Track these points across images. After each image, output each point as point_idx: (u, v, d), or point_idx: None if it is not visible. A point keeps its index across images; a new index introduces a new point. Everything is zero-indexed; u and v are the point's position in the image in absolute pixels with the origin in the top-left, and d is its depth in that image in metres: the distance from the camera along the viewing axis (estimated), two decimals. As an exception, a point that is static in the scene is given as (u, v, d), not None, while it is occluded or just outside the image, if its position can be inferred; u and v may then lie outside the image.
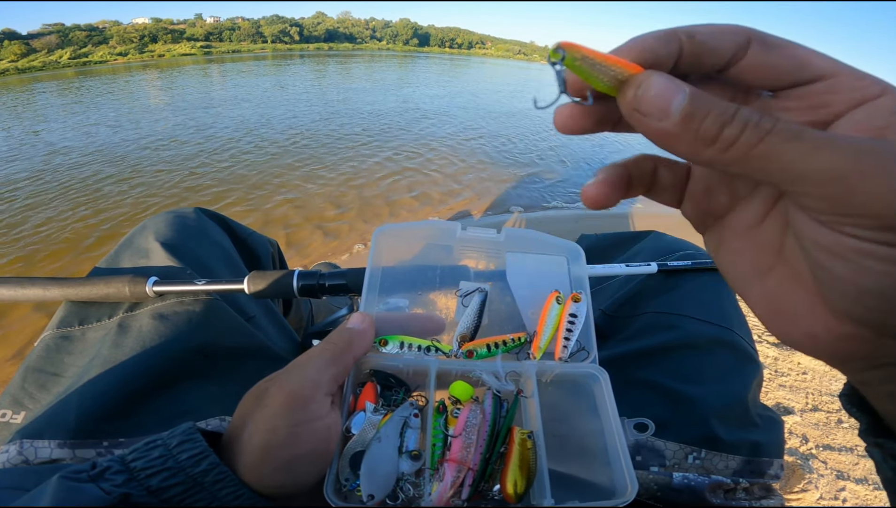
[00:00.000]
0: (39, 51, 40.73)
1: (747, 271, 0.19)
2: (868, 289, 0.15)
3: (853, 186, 0.14)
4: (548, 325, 0.40)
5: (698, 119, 0.15)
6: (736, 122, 0.15)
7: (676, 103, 0.15)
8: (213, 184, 2.73)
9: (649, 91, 0.16)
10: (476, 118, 4.99)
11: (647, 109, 0.16)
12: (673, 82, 0.16)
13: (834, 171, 0.14)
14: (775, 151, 0.14)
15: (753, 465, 0.45)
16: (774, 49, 0.17)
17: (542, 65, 50.57)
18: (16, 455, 0.38)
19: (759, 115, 0.15)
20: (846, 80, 0.16)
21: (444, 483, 0.31)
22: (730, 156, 0.15)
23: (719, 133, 0.15)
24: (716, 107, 0.15)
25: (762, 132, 0.14)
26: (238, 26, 74.44)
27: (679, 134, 0.16)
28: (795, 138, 0.14)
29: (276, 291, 0.52)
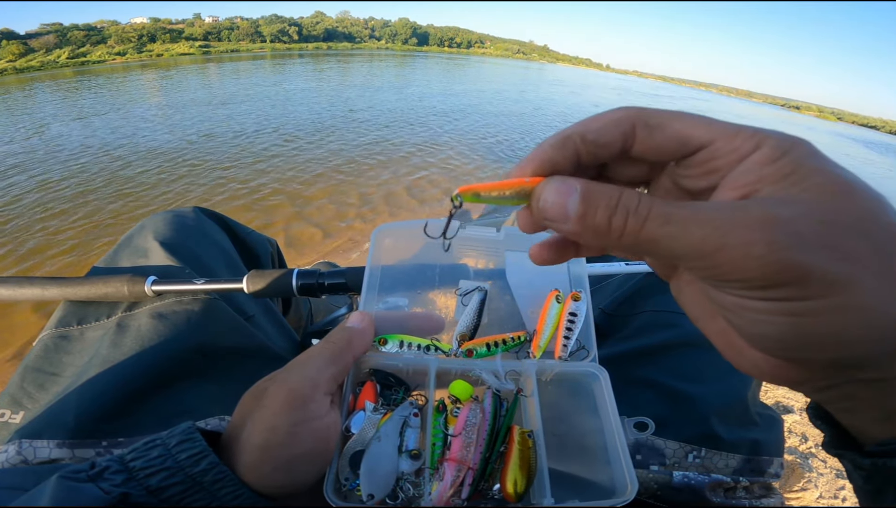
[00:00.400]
0: (38, 51, 40.63)
1: (701, 313, 0.21)
2: (762, 334, 0.17)
3: (719, 259, 0.15)
4: (547, 324, 0.40)
5: (590, 215, 0.17)
6: (619, 212, 0.16)
7: (571, 206, 0.17)
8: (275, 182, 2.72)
9: (547, 201, 0.18)
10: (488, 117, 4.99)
11: (551, 216, 0.18)
12: (564, 185, 0.18)
13: (701, 247, 0.15)
14: (654, 236, 0.16)
15: (753, 464, 0.45)
16: (656, 130, 0.19)
17: (542, 63, 50.20)
18: (15, 455, 0.38)
19: (638, 201, 0.16)
20: (721, 143, 0.18)
21: (443, 482, 0.31)
22: (626, 243, 0.17)
23: (609, 224, 0.17)
24: (602, 199, 0.17)
25: (641, 220, 0.16)
26: (237, 26, 74.32)
27: (581, 232, 0.17)
28: (667, 222, 0.16)
29: (275, 290, 0.52)
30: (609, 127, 0.19)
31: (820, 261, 0.14)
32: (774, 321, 0.16)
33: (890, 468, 0.18)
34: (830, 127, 23.06)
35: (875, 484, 0.19)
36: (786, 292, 0.15)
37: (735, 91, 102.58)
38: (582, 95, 9.49)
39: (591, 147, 0.19)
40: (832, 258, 0.14)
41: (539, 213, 0.19)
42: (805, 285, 0.15)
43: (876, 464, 0.19)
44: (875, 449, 0.19)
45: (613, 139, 0.19)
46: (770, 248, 0.14)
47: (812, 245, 0.14)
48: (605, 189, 0.17)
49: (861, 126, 45.47)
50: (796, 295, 0.15)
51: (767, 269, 0.15)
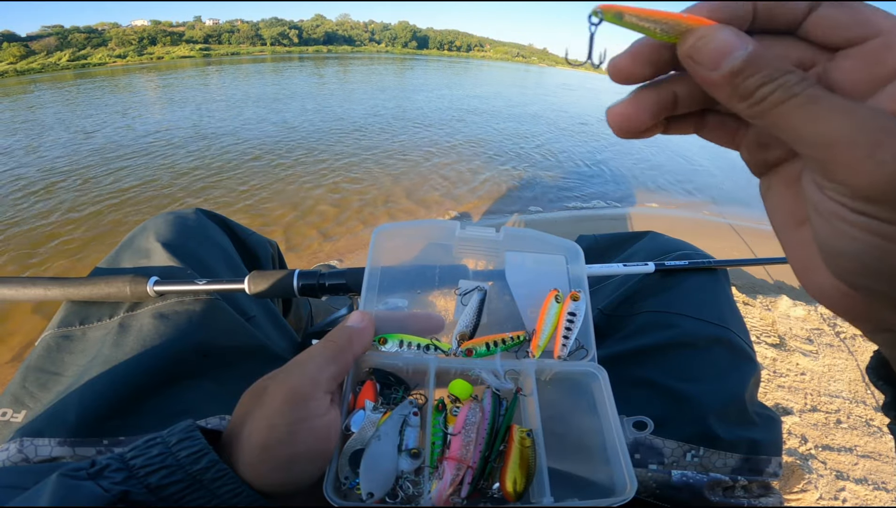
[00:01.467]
0: (38, 53, 40.72)
1: (786, 219, 0.20)
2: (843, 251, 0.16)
3: (839, 155, 0.14)
4: (547, 323, 0.40)
5: (744, 76, 0.16)
6: (773, 84, 0.15)
7: (734, 57, 0.16)
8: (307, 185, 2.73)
9: (710, 43, 0.16)
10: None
11: (702, 58, 0.17)
12: (738, 38, 0.16)
13: (827, 137, 0.14)
14: (790, 113, 0.15)
15: (752, 463, 0.45)
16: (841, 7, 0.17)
17: (541, 67, 50.34)
18: (16, 454, 0.38)
19: (799, 80, 0.15)
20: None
21: (443, 481, 0.31)
22: (755, 110, 0.16)
23: (755, 91, 0.16)
24: (766, 68, 0.16)
25: (788, 94, 0.15)
26: (237, 29, 74.53)
27: (722, 85, 0.16)
28: (811, 102, 0.15)
29: (276, 290, 0.53)
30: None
31: None
32: (864, 239, 0.15)
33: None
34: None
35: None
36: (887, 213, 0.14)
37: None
38: (600, 98, 9.43)
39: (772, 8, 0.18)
40: None
41: (690, 50, 0.17)
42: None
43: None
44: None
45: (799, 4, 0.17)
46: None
47: None
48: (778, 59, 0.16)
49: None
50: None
51: (882, 179, 0.14)
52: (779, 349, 1.31)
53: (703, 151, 4.26)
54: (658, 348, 0.50)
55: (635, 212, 2.42)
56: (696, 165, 3.95)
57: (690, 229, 2.20)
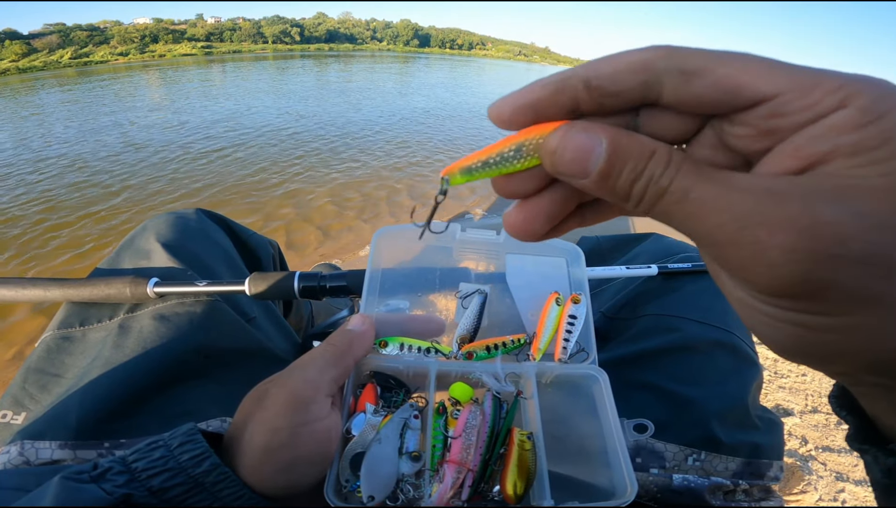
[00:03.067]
0: (40, 51, 40.75)
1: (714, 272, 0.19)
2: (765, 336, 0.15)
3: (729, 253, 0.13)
4: (547, 326, 0.40)
5: (614, 176, 0.15)
6: (642, 179, 0.14)
7: (594, 161, 0.15)
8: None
9: (566, 153, 0.15)
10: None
11: (567, 170, 0.15)
12: (588, 137, 0.15)
13: (714, 235, 0.13)
14: (669, 211, 0.14)
15: (753, 467, 0.45)
16: (694, 77, 0.14)
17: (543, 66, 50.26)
18: (17, 456, 0.38)
19: (664, 168, 0.14)
20: (792, 98, 0.13)
21: (444, 483, 0.31)
22: (641, 210, 0.15)
23: (630, 190, 0.15)
24: (629, 160, 0.14)
25: (660, 191, 0.14)
26: (239, 27, 74.52)
27: (600, 191, 0.15)
28: (684, 199, 0.14)
29: (276, 292, 0.53)
30: (625, 74, 0.15)
31: (856, 278, 0.12)
32: (779, 328, 0.14)
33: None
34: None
35: (894, 479, 0.18)
36: (796, 305, 0.13)
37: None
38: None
39: (596, 96, 0.15)
40: (877, 276, 0.12)
41: (553, 166, 0.16)
42: (820, 301, 0.13)
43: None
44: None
45: (629, 88, 0.15)
46: (786, 256, 0.12)
47: (854, 260, 0.12)
48: (637, 145, 0.14)
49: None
50: (808, 309, 0.13)
51: (777, 279, 0.13)
52: (780, 350, 1.31)
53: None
54: (660, 351, 0.50)
55: (636, 211, 2.41)
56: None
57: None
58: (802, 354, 0.15)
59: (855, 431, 0.20)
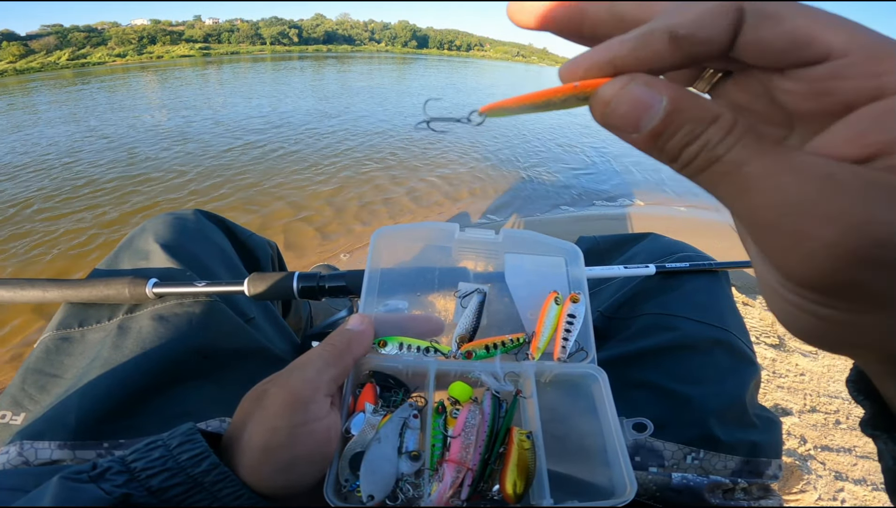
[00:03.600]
0: (38, 52, 40.66)
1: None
2: (788, 321, 0.15)
3: (767, 238, 0.13)
4: (546, 325, 0.40)
5: (666, 136, 0.14)
6: (697, 143, 0.14)
7: (649, 118, 0.14)
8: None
9: (621, 106, 0.14)
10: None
11: (617, 123, 0.15)
12: (651, 91, 0.14)
13: (755, 216, 0.13)
14: (715, 181, 0.14)
15: (752, 465, 0.45)
16: (769, 23, 0.13)
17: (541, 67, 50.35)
18: (16, 457, 0.38)
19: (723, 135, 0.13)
20: (859, 62, 0.12)
21: (443, 483, 0.31)
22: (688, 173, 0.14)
23: (680, 153, 0.14)
24: (687, 123, 0.14)
25: (712, 159, 0.13)
26: (237, 28, 74.50)
27: (648, 147, 0.15)
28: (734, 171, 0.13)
29: (276, 292, 0.53)
30: (710, 17, 0.14)
31: (886, 281, 0.12)
32: (803, 318, 0.14)
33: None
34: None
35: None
36: (825, 300, 0.13)
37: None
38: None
39: (683, 47, 0.14)
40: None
41: (603, 117, 0.15)
42: (849, 300, 0.13)
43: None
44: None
45: (718, 33, 0.14)
46: (828, 251, 0.12)
47: (892, 262, 0.11)
48: (699, 107, 0.13)
49: (859, 129, 45.46)
50: (836, 305, 0.13)
51: (813, 272, 0.12)
52: (778, 349, 1.31)
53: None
54: (659, 350, 0.51)
55: (636, 212, 2.42)
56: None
57: (691, 230, 2.20)
58: (820, 341, 0.15)
59: (870, 416, 0.20)
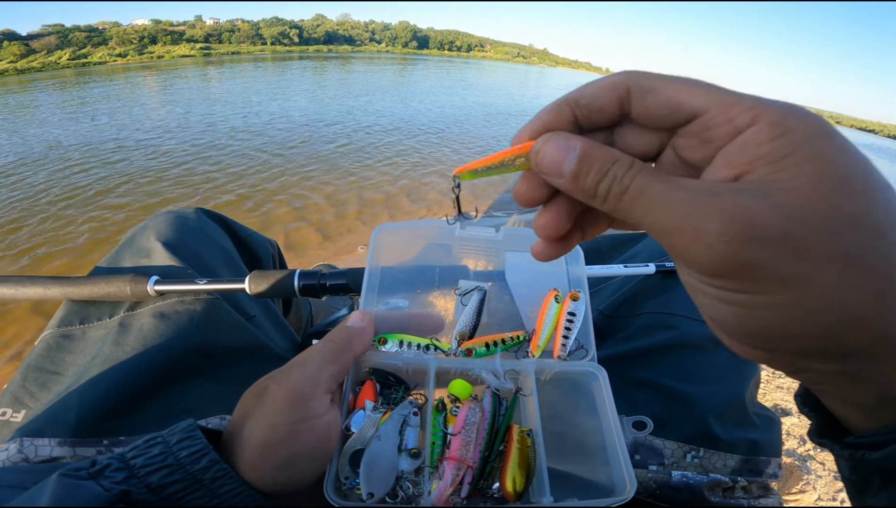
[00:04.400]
0: (39, 52, 40.67)
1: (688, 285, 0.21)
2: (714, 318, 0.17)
3: (675, 240, 0.16)
4: (546, 323, 0.40)
5: (583, 176, 0.18)
6: (607, 179, 0.17)
7: (568, 163, 0.18)
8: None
9: (546, 156, 0.18)
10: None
11: (547, 170, 0.19)
12: (565, 142, 0.18)
13: (662, 226, 0.16)
14: (628, 206, 0.17)
15: (751, 464, 0.45)
16: (649, 95, 0.18)
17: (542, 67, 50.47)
18: (16, 454, 0.38)
19: (626, 170, 0.17)
20: (717, 113, 0.17)
21: (443, 481, 0.31)
22: (608, 207, 0.17)
23: (596, 188, 0.17)
24: (595, 163, 0.17)
25: (622, 189, 0.17)
26: (238, 28, 74.51)
27: (572, 190, 0.18)
28: (640, 196, 0.16)
29: (277, 290, 0.53)
30: (603, 91, 0.19)
31: (775, 259, 0.14)
32: (722, 308, 0.17)
33: (870, 460, 0.18)
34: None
35: (861, 475, 0.19)
36: (732, 284, 0.16)
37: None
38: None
39: (584, 112, 0.19)
40: (791, 257, 0.14)
41: (536, 166, 0.19)
42: (752, 281, 0.15)
43: (854, 456, 0.19)
44: (854, 441, 0.19)
45: (608, 104, 0.19)
46: (720, 239, 0.15)
47: (772, 242, 0.14)
48: (602, 153, 0.18)
49: (859, 130, 45.48)
50: (742, 288, 0.15)
51: (714, 259, 0.15)
52: (778, 349, 1.31)
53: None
54: (658, 349, 0.51)
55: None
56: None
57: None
58: (742, 334, 0.17)
59: (816, 427, 0.22)
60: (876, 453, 0.18)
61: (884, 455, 0.18)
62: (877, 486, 0.19)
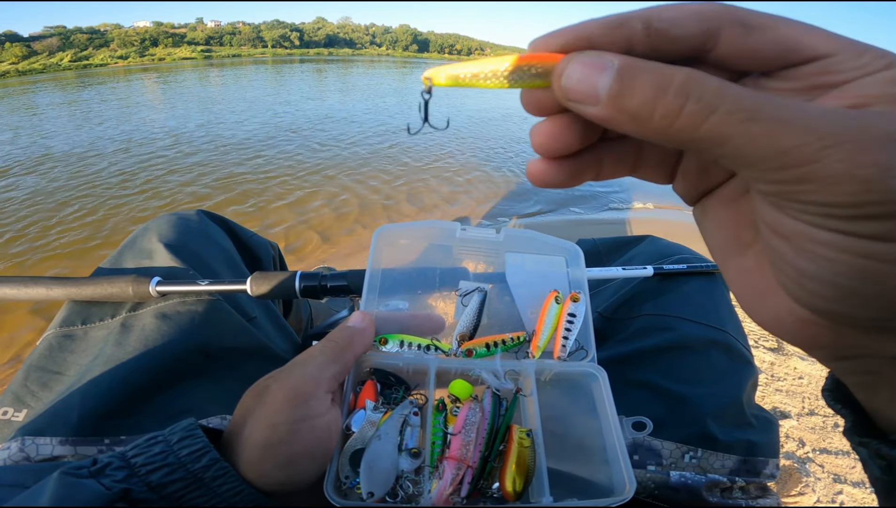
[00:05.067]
0: (40, 53, 40.72)
1: (727, 243, 0.18)
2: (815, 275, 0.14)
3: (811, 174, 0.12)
4: (546, 324, 0.40)
5: (629, 95, 0.14)
6: (673, 94, 0.13)
7: (603, 84, 0.14)
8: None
9: (571, 79, 0.14)
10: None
11: (577, 97, 0.15)
12: (597, 59, 0.14)
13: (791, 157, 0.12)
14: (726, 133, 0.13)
15: (749, 464, 0.45)
16: (755, 32, 0.15)
17: (541, 71, 51.20)
18: (17, 452, 0.38)
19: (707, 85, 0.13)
20: (845, 58, 0.14)
21: (443, 480, 0.32)
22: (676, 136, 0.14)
23: (654, 108, 0.13)
24: (648, 77, 0.13)
25: (707, 109, 0.13)
26: (239, 31, 74.74)
27: (617, 119, 0.14)
28: (752, 119, 0.13)
29: (278, 292, 0.53)
30: (687, 19, 0.15)
31: None
32: (842, 259, 0.13)
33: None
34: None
35: (894, 475, 0.18)
36: (876, 228, 0.12)
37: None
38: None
39: (655, 39, 0.15)
40: None
41: (561, 92, 0.15)
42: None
43: (894, 454, 0.17)
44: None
45: (691, 34, 0.15)
46: (885, 173, 0.12)
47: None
48: (654, 66, 0.14)
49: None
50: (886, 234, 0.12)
51: (871, 197, 0.12)
52: (777, 353, 1.31)
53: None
54: (657, 350, 0.51)
55: (634, 216, 2.42)
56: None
57: (688, 233, 2.20)
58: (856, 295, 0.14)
59: (852, 424, 0.19)
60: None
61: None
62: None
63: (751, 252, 0.17)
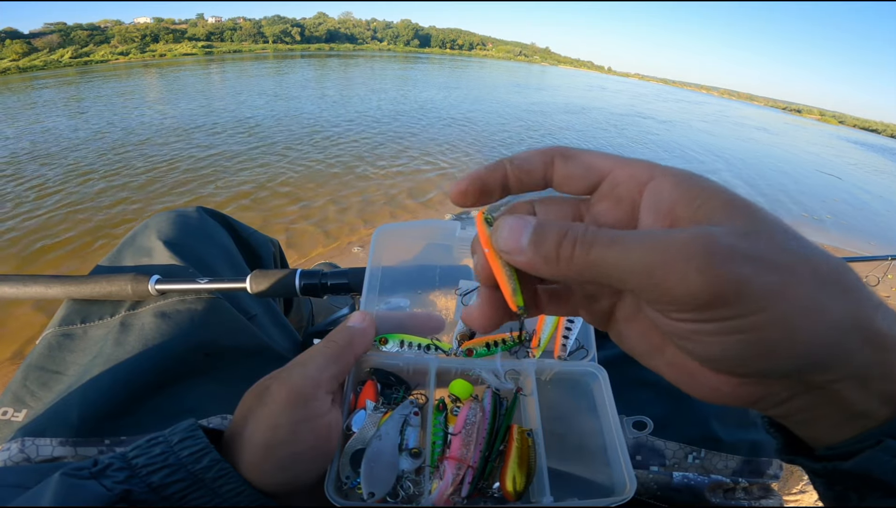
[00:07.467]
0: (41, 50, 40.72)
1: (647, 348, 0.22)
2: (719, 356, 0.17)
3: (662, 277, 0.16)
4: (547, 324, 0.40)
5: (541, 244, 0.18)
6: (566, 240, 0.18)
7: (525, 237, 0.19)
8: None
9: (503, 234, 0.19)
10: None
11: (508, 247, 0.19)
12: (520, 220, 0.19)
13: (645, 267, 0.16)
14: (601, 258, 0.17)
15: (752, 465, 0.45)
16: (570, 160, 0.20)
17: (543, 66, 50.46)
18: (17, 453, 0.38)
19: (585, 229, 0.17)
20: (619, 172, 0.19)
21: (444, 480, 0.32)
22: (575, 269, 0.17)
23: (557, 252, 0.18)
24: (552, 230, 0.18)
25: (587, 245, 0.17)
26: (239, 26, 74.50)
27: (534, 261, 0.18)
28: (612, 244, 0.17)
29: (278, 290, 0.53)
30: (534, 156, 0.21)
31: (753, 273, 0.15)
32: (726, 340, 0.16)
33: (842, 471, 0.18)
34: (832, 130, 22.96)
35: (836, 490, 0.19)
36: (729, 311, 0.15)
37: (737, 94, 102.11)
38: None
39: (517, 171, 0.21)
40: (764, 270, 0.15)
41: (498, 247, 0.20)
42: (744, 300, 0.15)
43: (827, 468, 0.19)
44: (825, 453, 0.19)
45: (536, 166, 0.21)
46: (710, 261, 0.15)
47: (745, 258, 0.15)
48: (556, 222, 0.19)
49: (862, 130, 45.27)
50: (738, 312, 0.15)
51: (709, 285, 0.15)
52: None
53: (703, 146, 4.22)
54: None
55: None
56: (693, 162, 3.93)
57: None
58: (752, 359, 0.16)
59: (783, 445, 0.22)
60: (846, 463, 0.18)
61: (854, 463, 0.18)
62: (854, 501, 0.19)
63: (668, 348, 0.21)
